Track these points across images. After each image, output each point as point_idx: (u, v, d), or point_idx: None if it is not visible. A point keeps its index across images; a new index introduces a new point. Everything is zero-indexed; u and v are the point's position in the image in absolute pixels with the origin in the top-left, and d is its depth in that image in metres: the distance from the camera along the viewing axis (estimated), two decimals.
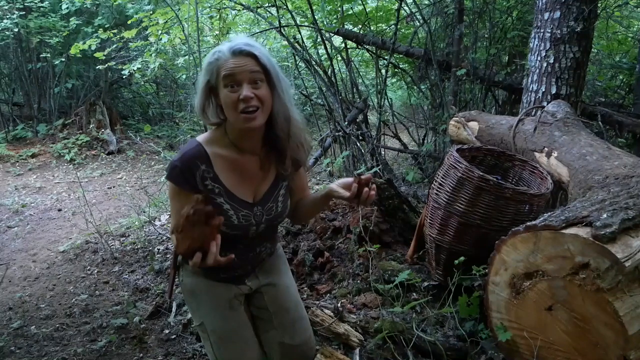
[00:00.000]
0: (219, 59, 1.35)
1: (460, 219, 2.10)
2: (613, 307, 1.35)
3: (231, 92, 1.34)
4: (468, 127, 3.25)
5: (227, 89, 1.34)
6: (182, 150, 1.43)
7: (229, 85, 1.34)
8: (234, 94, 1.33)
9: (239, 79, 1.33)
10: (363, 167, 3.98)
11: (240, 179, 1.46)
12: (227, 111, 1.37)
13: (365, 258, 2.50)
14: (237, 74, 1.33)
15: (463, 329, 1.92)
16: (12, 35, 6.78)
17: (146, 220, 3.94)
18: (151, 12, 5.25)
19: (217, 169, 1.41)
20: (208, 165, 1.40)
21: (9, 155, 6.68)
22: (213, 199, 1.40)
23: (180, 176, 1.38)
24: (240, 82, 1.33)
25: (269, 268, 1.68)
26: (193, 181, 1.38)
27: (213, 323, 1.57)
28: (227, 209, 1.43)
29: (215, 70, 1.36)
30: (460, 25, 4.48)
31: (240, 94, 1.32)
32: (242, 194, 1.46)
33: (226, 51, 1.35)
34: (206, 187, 1.40)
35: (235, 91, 1.33)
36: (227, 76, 1.33)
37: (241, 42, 1.37)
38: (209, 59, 1.38)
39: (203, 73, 1.39)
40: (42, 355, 2.32)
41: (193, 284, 1.60)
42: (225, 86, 1.34)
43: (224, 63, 1.34)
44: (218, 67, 1.35)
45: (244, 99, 1.32)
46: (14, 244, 3.98)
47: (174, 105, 8.99)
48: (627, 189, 1.71)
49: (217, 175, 1.41)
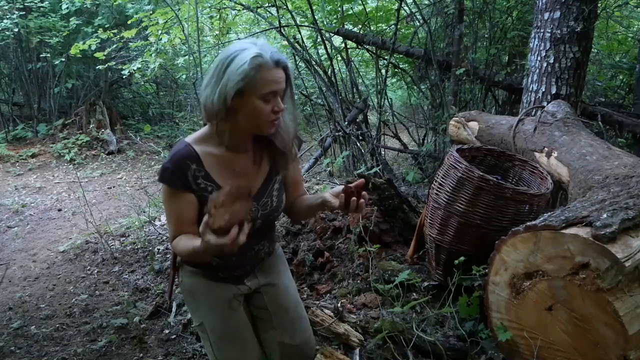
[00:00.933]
0: (262, 65, 1.29)
1: (460, 219, 2.10)
2: (613, 307, 1.35)
3: (266, 103, 1.33)
4: (468, 127, 3.25)
5: (263, 99, 1.32)
6: (171, 152, 1.43)
7: (267, 96, 1.32)
8: (268, 105, 1.33)
9: (277, 94, 1.35)
10: (363, 167, 3.99)
11: (232, 176, 1.46)
12: (253, 119, 1.36)
13: (365, 258, 2.50)
14: (279, 90, 1.34)
15: (463, 329, 1.92)
16: (12, 35, 6.78)
17: (146, 220, 3.94)
18: (151, 12, 5.25)
19: (208, 168, 1.41)
20: (199, 164, 1.40)
21: (9, 155, 6.68)
22: (206, 197, 1.37)
23: (172, 177, 1.38)
24: (277, 96, 1.35)
25: (268, 268, 1.68)
26: (186, 181, 1.38)
27: (212, 323, 1.57)
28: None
29: (257, 77, 1.29)
30: (460, 25, 4.48)
31: (274, 105, 1.34)
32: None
33: (269, 61, 1.30)
34: (199, 186, 1.40)
35: (269, 103, 1.33)
36: (271, 91, 1.32)
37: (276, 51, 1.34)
38: (250, 64, 1.28)
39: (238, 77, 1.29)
40: (42, 355, 2.32)
41: (192, 284, 1.60)
42: (263, 97, 1.32)
43: (267, 73, 1.30)
44: (261, 75, 1.30)
45: (278, 111, 1.35)
46: (14, 244, 3.98)
47: (174, 105, 8.99)
48: (627, 189, 1.71)
49: (208, 174, 1.42)
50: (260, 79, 1.30)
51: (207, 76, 1.37)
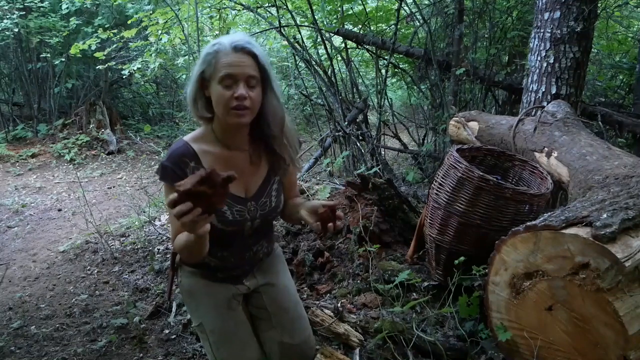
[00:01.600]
0: (219, 51, 1.33)
1: (460, 219, 2.10)
2: (613, 307, 1.35)
3: (226, 89, 1.33)
4: (468, 127, 3.25)
5: (222, 84, 1.33)
6: (169, 150, 1.43)
7: (224, 81, 1.32)
8: (229, 91, 1.32)
9: (236, 78, 1.32)
10: (363, 167, 3.99)
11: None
12: (217, 106, 1.36)
13: (365, 258, 2.50)
14: (236, 74, 1.32)
15: (463, 329, 1.92)
16: (12, 35, 6.78)
17: (146, 220, 3.94)
18: (151, 12, 5.25)
19: (206, 165, 1.41)
20: (197, 162, 1.41)
21: (9, 155, 6.68)
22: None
23: (172, 174, 1.38)
24: (237, 80, 1.32)
25: (267, 268, 1.68)
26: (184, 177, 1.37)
27: (212, 323, 1.57)
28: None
29: (213, 62, 1.33)
30: (460, 25, 4.48)
31: (235, 91, 1.32)
32: (234, 189, 1.45)
33: (227, 45, 1.33)
34: None
35: (229, 89, 1.32)
36: (226, 74, 1.32)
37: (242, 39, 1.35)
38: (208, 49, 1.35)
39: (199, 63, 1.37)
40: (42, 355, 2.32)
41: (191, 284, 1.60)
42: (221, 82, 1.33)
43: (224, 57, 1.32)
44: (217, 60, 1.33)
45: (239, 97, 1.32)
46: (14, 244, 3.98)
47: (174, 105, 8.99)
48: (627, 189, 1.71)
49: None
50: (216, 63, 1.33)
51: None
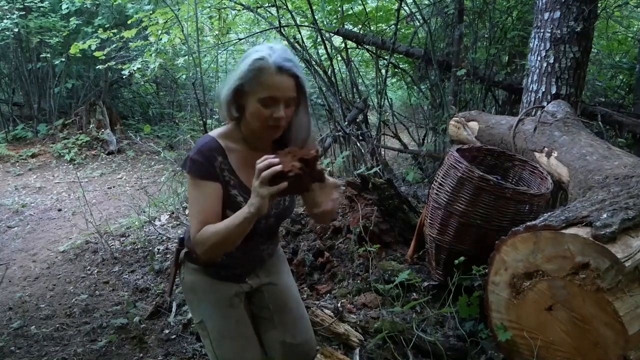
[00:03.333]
0: (263, 69, 1.31)
1: (460, 219, 2.10)
2: (613, 307, 1.35)
3: (265, 107, 1.32)
4: (468, 127, 3.25)
5: (261, 103, 1.32)
6: (197, 145, 1.42)
7: (265, 102, 1.32)
8: (267, 109, 1.32)
9: (278, 100, 1.32)
10: (363, 167, 3.99)
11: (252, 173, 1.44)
12: (253, 120, 1.37)
13: (365, 258, 2.50)
14: (279, 97, 1.32)
15: (463, 329, 1.92)
16: (12, 35, 6.78)
17: (146, 220, 3.94)
18: (151, 12, 5.25)
19: (231, 162, 1.42)
20: (224, 158, 1.41)
21: (9, 155, 6.68)
22: (228, 190, 1.42)
23: (201, 167, 1.37)
24: (278, 102, 1.33)
25: (270, 268, 1.69)
26: (213, 170, 1.39)
27: (213, 321, 1.57)
28: (240, 202, 1.43)
29: (255, 80, 1.31)
30: (460, 25, 4.48)
31: (274, 112, 1.32)
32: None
33: (272, 65, 1.30)
34: (224, 178, 1.41)
35: (268, 108, 1.32)
36: (268, 96, 1.31)
37: (286, 57, 1.33)
38: (250, 65, 1.31)
39: (239, 75, 1.34)
40: (42, 355, 2.32)
41: (194, 281, 1.60)
42: (261, 102, 1.32)
43: (267, 77, 1.30)
44: (259, 79, 1.31)
45: (278, 118, 1.33)
46: (14, 244, 3.98)
47: (174, 105, 8.98)
48: (627, 189, 1.71)
49: (232, 168, 1.43)
50: (258, 82, 1.31)
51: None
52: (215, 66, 6.87)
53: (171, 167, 5.14)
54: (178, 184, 4.51)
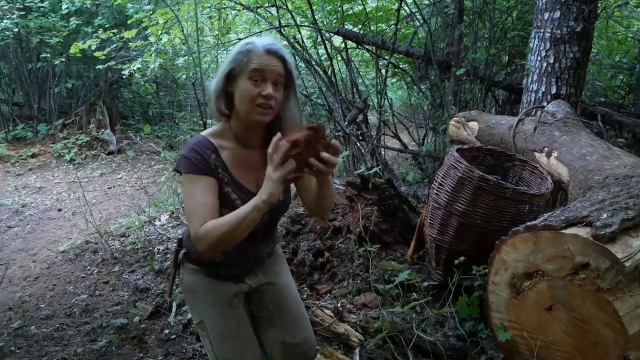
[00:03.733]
0: (251, 51, 1.38)
1: (460, 219, 2.10)
2: (613, 307, 1.35)
3: (254, 85, 1.37)
4: (468, 127, 3.25)
5: (251, 81, 1.37)
6: (189, 144, 1.45)
7: (253, 79, 1.37)
8: (257, 88, 1.37)
9: (266, 77, 1.38)
10: (363, 167, 3.98)
11: (244, 170, 1.48)
12: (242, 102, 1.40)
13: (365, 258, 2.50)
14: (267, 72, 1.37)
15: (463, 329, 1.92)
16: (12, 35, 6.78)
17: (146, 220, 3.94)
18: (151, 12, 5.25)
19: (224, 159, 1.45)
20: (217, 155, 1.43)
21: (9, 155, 6.68)
22: (222, 188, 1.43)
23: (195, 164, 1.40)
24: (266, 79, 1.38)
25: (269, 268, 1.69)
26: (208, 166, 1.41)
27: (212, 320, 1.57)
28: (234, 199, 1.44)
29: (244, 60, 1.38)
30: (460, 25, 4.48)
31: (263, 90, 1.37)
32: (246, 183, 1.48)
33: (260, 47, 1.39)
34: (218, 175, 1.42)
35: (257, 86, 1.38)
36: (257, 70, 1.37)
37: (275, 43, 1.41)
38: (240, 48, 1.41)
39: (229, 60, 1.42)
40: (42, 355, 2.32)
41: (193, 281, 1.60)
42: (250, 78, 1.38)
43: (256, 57, 1.38)
44: (248, 58, 1.38)
45: (266, 96, 1.37)
46: (14, 244, 3.98)
47: (174, 105, 8.98)
48: (627, 189, 1.71)
49: (225, 165, 1.44)
50: (247, 61, 1.38)
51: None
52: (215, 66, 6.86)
53: (171, 167, 5.14)
54: (178, 184, 4.51)
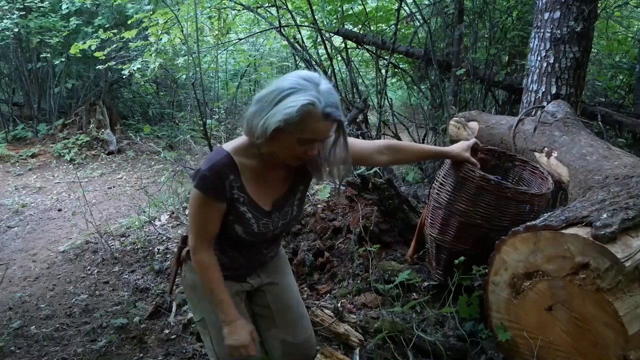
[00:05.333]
0: (310, 116, 1.25)
1: (461, 219, 2.10)
2: (613, 307, 1.35)
3: (300, 145, 1.31)
4: (468, 127, 3.25)
5: (299, 142, 1.30)
6: (210, 159, 1.39)
7: (303, 141, 1.30)
8: (302, 147, 1.32)
9: (317, 141, 1.33)
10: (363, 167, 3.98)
11: (262, 188, 1.46)
12: (283, 152, 1.35)
13: (365, 258, 2.50)
14: (318, 140, 1.32)
15: (463, 329, 1.92)
16: (12, 35, 6.77)
17: (146, 220, 3.94)
18: (151, 12, 5.25)
19: (244, 179, 1.40)
20: (236, 175, 1.39)
21: (9, 155, 6.68)
22: (237, 207, 1.41)
23: (210, 185, 1.36)
24: (314, 142, 1.32)
25: (271, 268, 1.70)
26: (222, 191, 1.37)
27: (213, 318, 1.58)
28: (249, 218, 1.44)
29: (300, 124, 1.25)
30: (460, 25, 4.48)
31: (308, 150, 1.33)
32: (263, 202, 1.46)
33: (320, 112, 1.25)
34: (232, 196, 1.40)
35: (304, 146, 1.32)
36: (310, 139, 1.30)
37: (333, 103, 1.27)
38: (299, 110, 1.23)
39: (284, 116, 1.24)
40: (42, 355, 2.32)
41: (195, 279, 1.61)
42: (299, 140, 1.30)
43: (313, 123, 1.26)
44: (305, 123, 1.25)
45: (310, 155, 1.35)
46: (14, 244, 3.98)
47: (174, 105, 8.98)
48: (627, 189, 1.71)
49: (243, 185, 1.40)
50: (303, 125, 1.26)
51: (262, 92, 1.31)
52: (215, 66, 6.87)
53: (171, 167, 5.14)
54: (178, 184, 4.51)
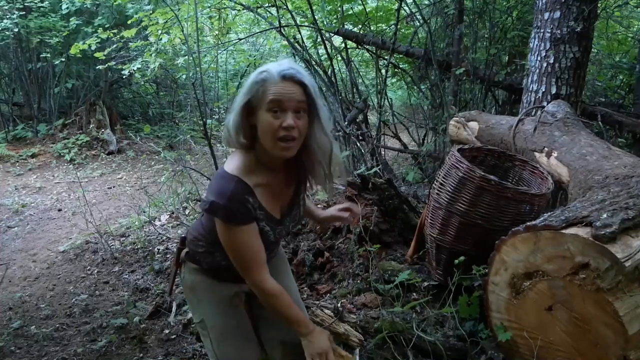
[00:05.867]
0: (267, 80, 1.30)
1: (461, 219, 2.10)
2: (613, 307, 1.35)
3: (274, 117, 1.30)
4: (468, 127, 3.25)
5: (270, 113, 1.30)
6: (223, 189, 1.35)
7: (272, 110, 1.30)
8: (277, 120, 1.30)
9: (285, 106, 1.30)
10: (363, 167, 3.99)
11: (273, 199, 1.46)
12: (265, 136, 1.33)
13: (365, 258, 2.50)
14: (285, 101, 1.29)
15: (463, 329, 1.92)
16: (12, 35, 6.78)
17: (146, 220, 3.94)
18: (151, 12, 5.24)
19: (259, 197, 1.40)
20: (253, 197, 1.38)
21: (9, 155, 6.68)
22: (258, 224, 1.40)
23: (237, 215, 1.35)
24: (285, 109, 1.30)
25: (271, 268, 1.69)
26: (249, 213, 1.37)
27: (213, 319, 1.58)
28: (267, 231, 1.45)
29: (260, 90, 1.30)
30: (460, 25, 4.48)
31: (284, 121, 1.30)
32: (275, 212, 1.47)
33: (275, 74, 1.30)
34: (257, 217, 1.40)
35: (277, 117, 1.30)
36: (274, 101, 1.29)
37: (290, 67, 1.32)
38: (255, 78, 1.32)
39: (245, 91, 1.33)
40: (42, 355, 2.32)
41: (194, 281, 1.61)
42: (269, 110, 1.30)
43: (272, 86, 1.29)
44: (264, 88, 1.30)
45: (287, 127, 1.30)
46: (14, 244, 3.98)
47: (174, 105, 8.98)
48: (627, 189, 1.71)
49: (261, 204, 1.40)
50: (264, 91, 1.30)
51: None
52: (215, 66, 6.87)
53: (171, 167, 5.14)
54: (178, 184, 4.51)
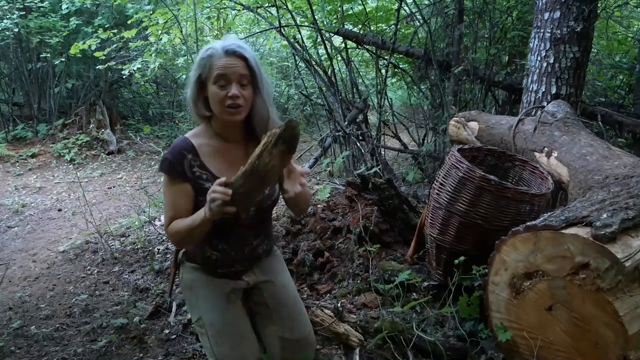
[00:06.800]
0: (212, 55, 1.47)
1: (461, 219, 2.10)
2: (613, 307, 1.35)
3: (220, 89, 1.46)
4: (468, 127, 3.25)
5: (217, 85, 1.47)
6: (172, 144, 1.59)
7: (218, 82, 1.45)
8: (223, 91, 1.46)
9: (229, 78, 1.45)
10: (363, 167, 3.99)
11: (226, 165, 1.56)
12: (214, 105, 1.49)
13: (365, 258, 2.50)
14: (229, 74, 1.45)
15: (463, 329, 1.92)
16: (12, 35, 6.77)
17: (146, 220, 3.94)
18: (151, 12, 5.25)
19: (203, 158, 1.54)
20: (194, 155, 1.53)
21: (9, 155, 6.67)
22: (201, 184, 1.51)
23: (170, 166, 1.52)
24: (230, 81, 1.46)
25: (267, 266, 1.72)
26: (182, 169, 1.51)
27: (211, 316, 1.59)
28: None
29: (207, 66, 1.48)
30: (460, 25, 4.48)
31: (229, 91, 1.45)
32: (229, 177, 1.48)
33: (219, 50, 1.47)
34: (194, 174, 1.52)
35: (224, 88, 1.46)
36: (220, 75, 1.46)
37: (233, 43, 1.49)
38: (202, 54, 1.50)
39: (195, 67, 1.52)
40: (42, 355, 2.32)
41: (191, 279, 1.64)
42: (215, 83, 1.47)
43: (217, 61, 1.46)
44: (210, 63, 1.47)
45: (232, 96, 1.45)
46: (14, 244, 3.97)
47: (174, 105, 8.97)
48: (627, 189, 1.71)
49: (203, 163, 1.53)
50: (210, 66, 1.47)
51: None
52: None
53: None
54: None
